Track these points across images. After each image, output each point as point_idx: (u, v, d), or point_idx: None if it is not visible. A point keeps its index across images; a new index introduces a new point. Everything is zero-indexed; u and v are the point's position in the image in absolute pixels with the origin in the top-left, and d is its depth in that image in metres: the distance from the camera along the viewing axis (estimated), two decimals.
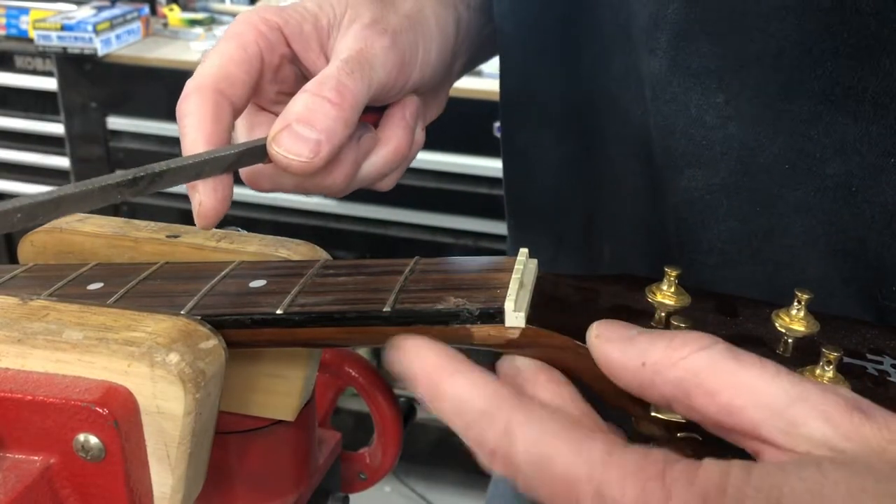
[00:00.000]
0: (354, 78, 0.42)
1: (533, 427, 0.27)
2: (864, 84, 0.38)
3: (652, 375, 0.27)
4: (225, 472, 0.43)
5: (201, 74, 0.42)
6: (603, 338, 0.29)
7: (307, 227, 1.73)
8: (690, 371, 0.27)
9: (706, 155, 0.44)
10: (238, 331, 0.36)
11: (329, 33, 0.45)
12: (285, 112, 0.41)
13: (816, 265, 0.42)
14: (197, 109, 0.41)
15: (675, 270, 0.34)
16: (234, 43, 0.44)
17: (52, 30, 1.72)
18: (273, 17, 0.45)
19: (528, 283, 0.36)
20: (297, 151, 0.41)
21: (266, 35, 0.44)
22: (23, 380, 0.33)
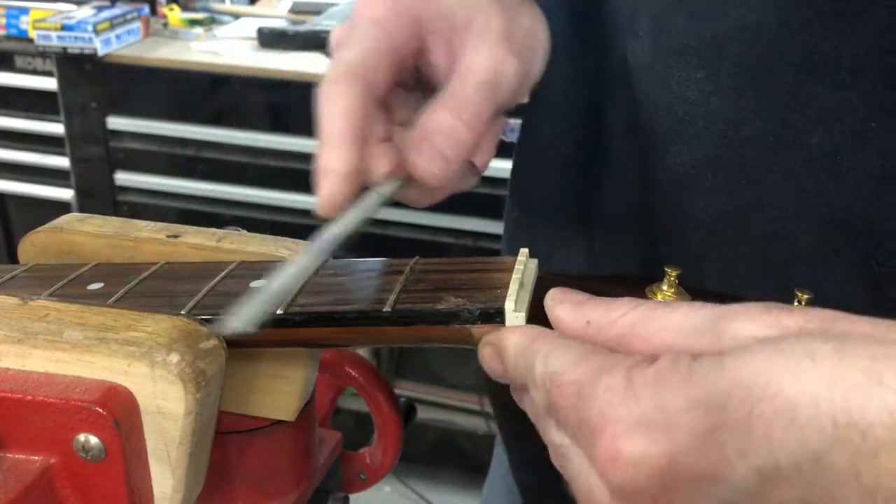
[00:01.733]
0: (489, 104, 0.42)
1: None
2: (839, 51, 0.39)
3: (595, 333, 0.31)
4: (225, 472, 0.43)
5: (350, 63, 0.40)
6: (556, 300, 0.33)
7: (307, 227, 1.72)
8: (626, 325, 0.30)
9: (689, 130, 0.45)
10: None
11: (459, 33, 0.43)
12: (426, 126, 0.40)
13: (808, 238, 0.42)
14: (347, 102, 0.39)
15: (675, 270, 0.34)
16: (378, 31, 0.41)
17: (52, 30, 1.72)
18: (413, 6, 0.43)
19: (529, 283, 0.36)
20: (433, 166, 0.40)
21: (407, 25, 0.42)
22: (23, 380, 0.33)
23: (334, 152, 0.38)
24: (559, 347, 0.30)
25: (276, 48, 1.79)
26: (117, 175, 1.82)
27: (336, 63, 0.40)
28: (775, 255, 0.44)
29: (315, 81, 0.40)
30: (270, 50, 1.78)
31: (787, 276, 0.44)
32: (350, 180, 0.38)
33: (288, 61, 1.71)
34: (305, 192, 1.71)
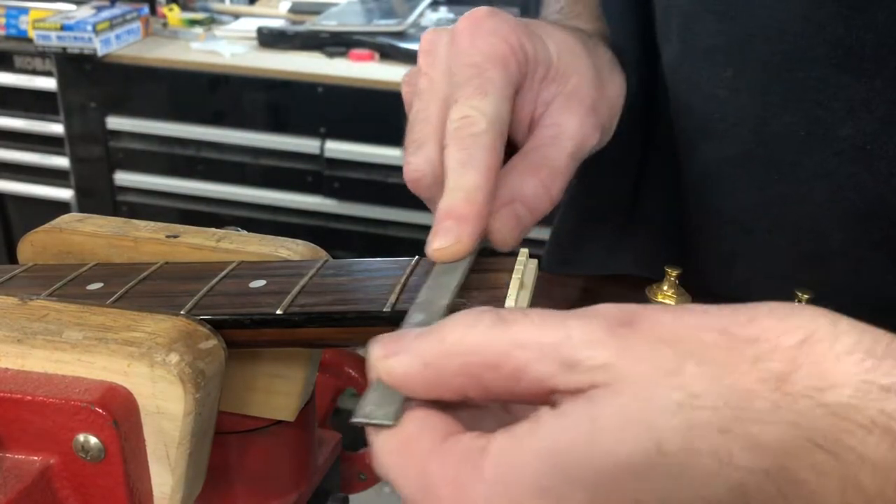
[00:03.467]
0: (570, 175, 0.41)
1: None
2: (862, 42, 0.39)
3: (438, 373, 0.27)
4: (225, 472, 0.43)
5: (493, 117, 0.38)
6: (381, 356, 0.28)
7: (307, 227, 1.73)
8: (468, 353, 0.26)
9: (719, 128, 0.45)
10: (238, 331, 0.36)
11: (550, 84, 0.42)
12: (513, 187, 0.39)
13: (842, 230, 0.43)
14: (490, 158, 0.37)
15: (675, 270, 0.34)
16: (504, 75, 0.39)
17: (52, 30, 1.72)
18: (527, 44, 0.41)
19: (529, 283, 0.36)
20: (510, 236, 0.39)
21: (521, 64, 0.40)
22: (23, 380, 0.33)
23: (474, 205, 0.36)
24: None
25: (275, 48, 1.79)
26: (117, 175, 1.83)
27: (469, 106, 0.38)
28: (810, 249, 0.44)
29: (315, 81, 0.39)
30: (270, 50, 1.78)
31: (822, 270, 0.44)
32: (480, 234, 0.37)
33: (288, 61, 1.71)
34: (305, 192, 1.71)
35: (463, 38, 0.40)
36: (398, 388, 0.27)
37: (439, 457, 0.26)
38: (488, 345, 0.26)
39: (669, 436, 0.23)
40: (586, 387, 0.24)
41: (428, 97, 0.40)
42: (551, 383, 0.25)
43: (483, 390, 0.26)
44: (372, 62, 1.71)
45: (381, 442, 0.27)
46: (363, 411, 0.27)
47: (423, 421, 0.27)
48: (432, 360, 0.27)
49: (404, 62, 1.68)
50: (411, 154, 0.40)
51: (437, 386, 0.27)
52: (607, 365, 0.24)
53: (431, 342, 0.27)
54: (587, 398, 0.24)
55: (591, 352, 0.24)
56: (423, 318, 0.32)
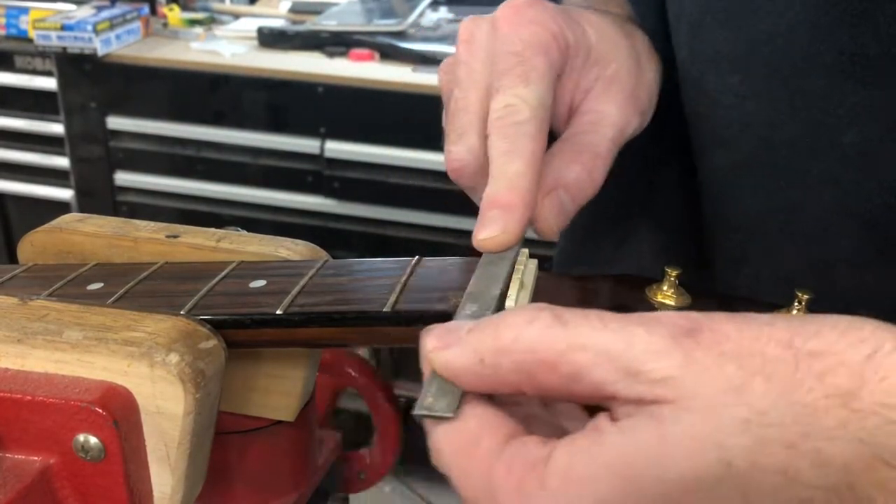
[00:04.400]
0: (612, 160, 0.41)
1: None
2: (866, 50, 0.39)
3: (493, 369, 0.26)
4: (225, 472, 0.43)
5: (535, 105, 0.38)
6: (438, 348, 0.28)
7: (307, 227, 1.72)
8: (524, 351, 0.26)
9: (726, 135, 0.45)
10: (238, 331, 0.36)
11: (590, 70, 0.42)
12: (556, 174, 0.39)
13: (849, 237, 0.43)
14: (535, 146, 0.37)
15: (675, 270, 0.34)
16: (546, 62, 0.39)
17: (52, 30, 1.72)
18: (567, 31, 0.40)
19: (529, 283, 0.36)
20: (555, 222, 0.39)
21: (562, 50, 0.40)
22: (22, 380, 0.33)
23: (519, 193, 0.36)
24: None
25: (276, 48, 1.79)
26: (117, 175, 1.82)
27: (513, 94, 0.38)
28: (817, 256, 0.44)
29: (315, 81, 0.39)
30: (270, 50, 1.78)
31: (829, 275, 0.44)
32: (526, 223, 0.37)
33: (288, 61, 1.71)
34: (305, 192, 1.71)
35: (504, 25, 0.40)
36: (454, 380, 0.27)
37: (504, 462, 0.26)
38: (546, 344, 0.26)
39: (737, 453, 0.23)
40: (649, 399, 0.24)
41: (468, 86, 0.40)
42: (611, 389, 0.25)
43: (537, 388, 0.26)
44: (372, 62, 1.71)
45: (442, 435, 0.27)
46: (424, 403, 0.27)
47: (486, 418, 0.27)
48: (488, 356, 0.26)
49: (404, 62, 1.68)
50: (453, 143, 0.40)
51: (492, 381, 0.27)
52: (672, 378, 0.24)
53: (486, 337, 0.27)
54: (652, 414, 0.24)
55: (655, 363, 0.24)
56: (475, 308, 0.32)
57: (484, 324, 0.27)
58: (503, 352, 0.26)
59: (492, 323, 0.27)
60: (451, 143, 0.40)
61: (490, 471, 0.26)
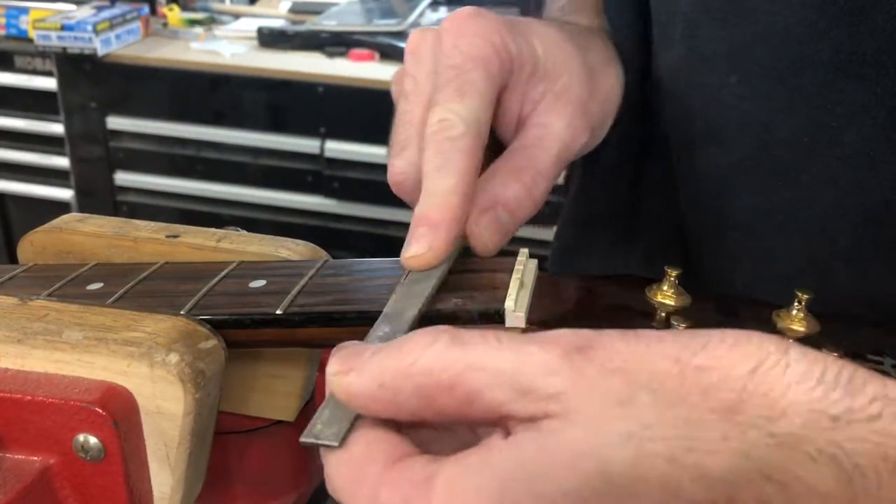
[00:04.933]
0: (556, 176, 0.41)
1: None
2: (863, 47, 0.39)
3: (392, 394, 0.26)
4: (225, 473, 0.43)
5: (470, 120, 0.37)
6: (339, 372, 0.27)
7: (307, 227, 1.73)
8: (423, 374, 0.25)
9: (723, 134, 0.45)
10: (238, 331, 0.36)
11: (538, 84, 0.42)
12: (495, 191, 0.38)
13: (847, 235, 0.43)
14: (468, 162, 0.36)
15: (675, 270, 0.34)
16: (485, 76, 0.38)
17: (52, 30, 1.72)
18: (510, 43, 0.40)
19: (529, 283, 0.36)
20: (491, 241, 0.38)
21: (504, 64, 0.39)
22: (22, 380, 0.33)
23: (448, 210, 0.35)
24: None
25: (276, 48, 1.79)
26: (117, 175, 1.83)
27: (447, 109, 0.37)
28: (816, 254, 0.44)
29: (315, 81, 0.39)
30: (270, 50, 1.79)
31: (828, 274, 0.44)
32: (455, 241, 0.36)
33: (288, 61, 1.71)
34: (305, 192, 1.71)
35: (447, 38, 0.39)
36: (353, 406, 0.27)
37: (390, 482, 0.25)
38: (443, 366, 0.25)
39: (618, 467, 0.23)
40: (540, 415, 0.24)
41: (413, 98, 0.40)
42: (505, 409, 0.25)
43: (436, 413, 0.26)
44: (372, 62, 1.71)
45: (331, 463, 0.27)
46: (312, 430, 0.27)
47: (372, 443, 0.26)
48: (388, 381, 0.26)
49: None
50: (394, 156, 0.39)
51: (392, 407, 0.26)
52: (560, 394, 0.24)
53: (389, 360, 0.26)
54: (537, 428, 0.24)
55: (545, 379, 0.24)
56: (388, 330, 0.31)
57: (388, 347, 0.27)
58: (402, 376, 0.26)
59: (395, 346, 0.26)
60: (393, 155, 0.39)
61: (376, 493, 0.25)
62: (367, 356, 0.27)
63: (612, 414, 0.23)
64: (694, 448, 0.23)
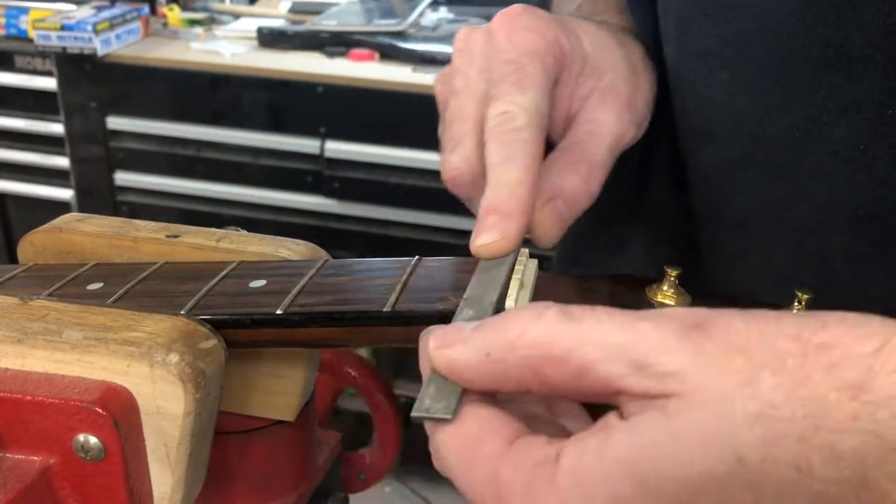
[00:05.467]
0: (609, 170, 0.42)
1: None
2: (851, 42, 0.39)
3: (499, 364, 0.26)
4: (225, 472, 0.43)
5: (532, 111, 0.38)
6: (441, 345, 0.28)
7: (307, 227, 1.72)
8: (531, 346, 0.26)
9: (717, 131, 0.46)
10: (238, 331, 0.36)
11: (587, 80, 0.42)
12: (553, 183, 0.39)
13: (843, 231, 0.43)
14: (533, 151, 0.37)
15: (675, 270, 0.34)
16: (542, 69, 0.39)
17: (52, 30, 1.72)
18: (564, 40, 0.41)
19: (529, 283, 0.36)
20: (552, 232, 0.39)
21: (557, 59, 0.40)
22: (23, 380, 0.33)
23: (518, 201, 0.36)
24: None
25: (276, 48, 1.79)
26: (117, 175, 1.82)
27: (509, 102, 0.38)
28: (812, 251, 0.44)
29: (315, 81, 0.39)
30: (270, 50, 1.78)
31: (824, 270, 0.44)
32: (524, 230, 0.36)
33: (288, 61, 1.71)
34: (305, 192, 1.71)
35: (500, 34, 0.40)
36: (457, 378, 0.27)
37: (511, 463, 0.25)
38: (554, 339, 0.25)
39: (749, 447, 0.23)
40: (657, 393, 0.24)
41: (465, 95, 0.40)
42: (619, 384, 0.25)
43: (545, 385, 0.26)
44: (372, 62, 1.71)
45: (443, 439, 0.27)
46: (422, 405, 0.27)
47: (486, 420, 0.27)
48: (494, 351, 0.26)
49: (404, 62, 1.68)
50: (449, 152, 0.40)
51: (498, 378, 0.26)
52: (680, 372, 0.24)
53: (493, 333, 0.27)
54: (661, 409, 0.24)
55: (663, 356, 0.24)
56: (473, 313, 0.32)
57: (489, 321, 0.27)
58: (510, 347, 0.26)
59: (498, 319, 0.27)
60: (448, 151, 0.40)
61: (495, 472, 0.26)
62: (469, 330, 0.27)
63: (738, 394, 0.23)
64: (823, 427, 0.23)
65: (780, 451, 0.23)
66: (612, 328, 0.25)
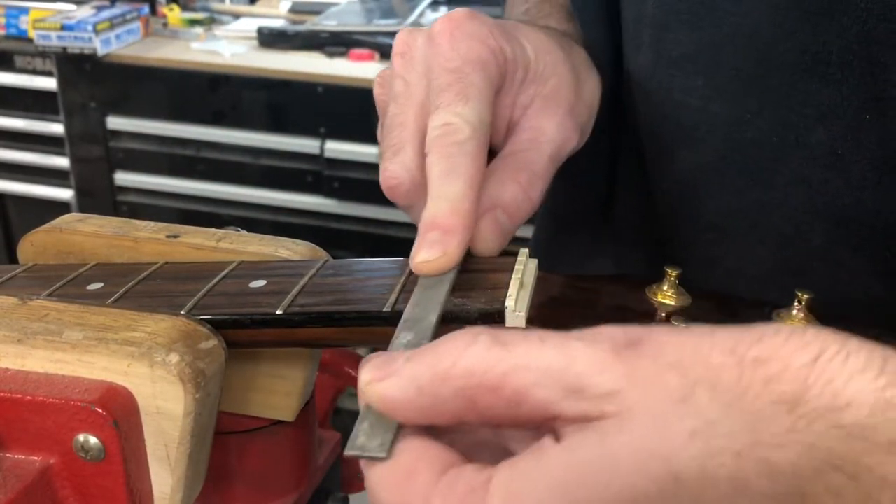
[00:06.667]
0: (550, 178, 0.41)
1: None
2: (828, 47, 0.39)
3: (432, 398, 0.25)
4: (225, 472, 0.43)
5: (476, 123, 0.37)
6: (374, 380, 0.26)
7: (307, 227, 1.73)
8: (464, 376, 0.25)
9: (693, 136, 0.46)
10: (238, 331, 0.36)
11: (529, 86, 0.42)
12: (493, 193, 0.39)
13: (821, 236, 0.43)
14: (476, 165, 0.36)
15: (675, 270, 0.34)
16: (485, 78, 0.38)
17: (52, 30, 1.72)
18: (506, 47, 0.40)
19: (529, 283, 0.36)
20: (493, 242, 0.38)
21: (500, 66, 0.40)
22: (23, 380, 0.33)
23: (460, 216, 0.35)
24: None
25: (276, 48, 1.79)
26: (117, 175, 1.83)
27: (452, 113, 0.37)
28: (790, 255, 0.44)
29: (315, 81, 0.39)
30: (270, 50, 1.78)
31: (802, 274, 0.44)
32: (466, 245, 0.36)
33: (288, 61, 1.71)
34: (305, 192, 1.71)
35: (442, 40, 0.39)
36: (391, 414, 0.26)
37: (441, 492, 0.25)
38: (487, 367, 0.25)
39: (685, 465, 0.22)
40: (594, 415, 0.24)
41: (404, 101, 0.39)
42: (555, 409, 0.24)
43: (480, 415, 0.25)
44: (372, 62, 1.71)
45: (377, 476, 0.26)
46: (356, 443, 0.26)
47: (420, 452, 0.26)
48: (426, 384, 0.25)
49: None
50: (388, 160, 0.39)
51: (432, 411, 0.26)
52: (615, 392, 0.24)
53: (425, 364, 0.26)
54: (596, 429, 0.24)
55: (597, 377, 0.24)
56: (411, 337, 0.31)
57: (421, 351, 0.26)
58: (442, 379, 0.25)
59: (429, 350, 0.26)
60: (387, 159, 0.39)
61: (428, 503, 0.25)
62: (402, 362, 0.26)
63: (673, 411, 0.23)
64: (760, 441, 0.22)
65: (717, 467, 0.22)
66: (544, 352, 0.25)
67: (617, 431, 0.23)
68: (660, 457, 0.23)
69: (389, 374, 0.26)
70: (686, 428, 0.23)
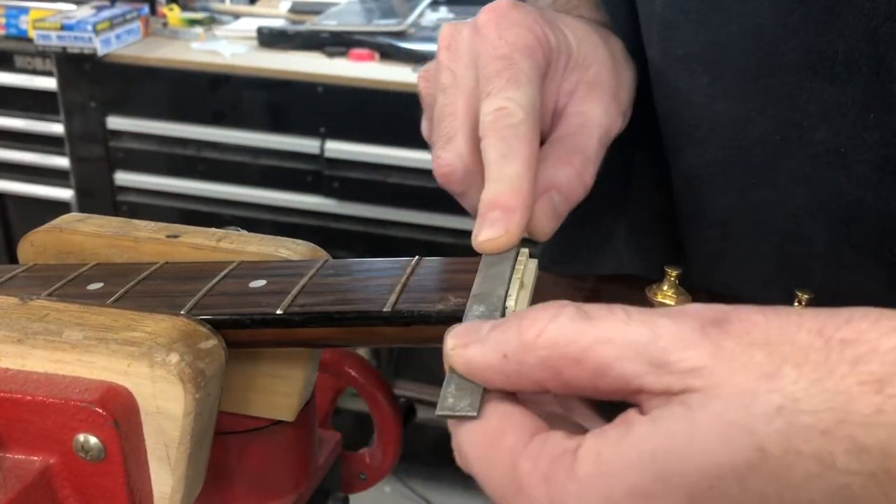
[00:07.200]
0: (600, 159, 0.42)
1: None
2: (834, 47, 0.39)
3: (517, 366, 0.27)
4: (225, 472, 0.43)
5: (528, 107, 0.38)
6: (458, 346, 0.28)
7: (307, 227, 1.72)
8: (548, 346, 0.26)
9: (698, 134, 0.46)
10: (238, 331, 0.36)
11: (572, 72, 0.43)
12: (547, 175, 0.39)
13: (823, 234, 0.43)
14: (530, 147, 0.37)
15: (675, 270, 0.34)
16: (533, 65, 0.39)
17: (52, 29, 1.72)
18: (550, 35, 0.41)
19: (529, 283, 0.36)
20: (547, 225, 0.39)
21: (546, 53, 0.41)
22: (23, 380, 0.33)
23: (520, 195, 0.36)
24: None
25: (276, 48, 1.79)
26: (117, 175, 1.82)
27: (504, 97, 0.38)
28: (792, 253, 0.44)
29: (315, 81, 0.39)
30: (270, 50, 1.78)
31: (805, 272, 0.44)
32: (526, 224, 0.37)
33: (288, 61, 1.71)
34: (305, 192, 1.71)
35: (488, 30, 0.40)
36: (476, 378, 0.27)
37: (530, 455, 0.26)
38: (570, 339, 0.26)
39: (771, 439, 0.23)
40: (678, 390, 0.24)
41: (453, 91, 0.40)
42: (638, 383, 0.25)
43: (563, 385, 0.26)
44: (372, 62, 1.71)
45: (465, 434, 0.27)
46: (445, 403, 0.27)
47: (508, 415, 0.27)
48: (511, 352, 0.26)
49: (404, 62, 1.68)
50: (440, 149, 0.40)
51: (516, 378, 0.27)
52: (700, 368, 0.24)
53: (509, 333, 0.27)
54: (682, 402, 0.24)
55: (682, 353, 0.24)
56: (483, 309, 0.32)
57: (506, 321, 0.27)
58: (527, 348, 0.26)
59: (514, 319, 0.27)
60: (440, 148, 0.40)
61: (515, 464, 0.26)
62: (486, 330, 0.27)
63: (760, 386, 0.23)
64: (846, 420, 0.23)
65: (802, 443, 0.23)
66: (629, 326, 0.25)
67: (702, 405, 0.24)
68: (745, 429, 0.23)
69: (474, 341, 0.27)
70: (772, 402, 0.23)
